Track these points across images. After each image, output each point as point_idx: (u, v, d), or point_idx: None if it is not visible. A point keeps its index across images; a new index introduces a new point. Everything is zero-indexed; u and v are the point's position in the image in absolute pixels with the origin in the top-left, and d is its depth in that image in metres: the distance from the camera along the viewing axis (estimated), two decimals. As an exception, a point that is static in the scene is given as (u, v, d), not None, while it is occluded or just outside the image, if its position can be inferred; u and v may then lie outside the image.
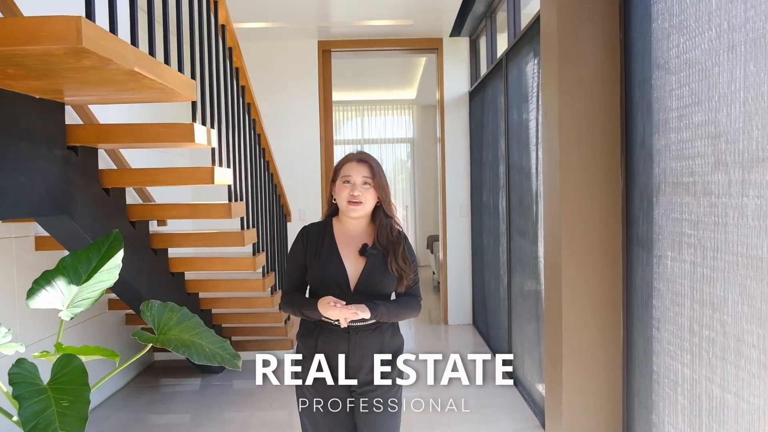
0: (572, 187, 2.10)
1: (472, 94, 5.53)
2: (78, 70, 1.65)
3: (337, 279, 1.90)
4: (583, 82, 2.09)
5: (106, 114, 3.57)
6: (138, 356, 1.93)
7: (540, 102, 3.16)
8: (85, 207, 2.32)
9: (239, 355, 2.00)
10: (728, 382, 1.47)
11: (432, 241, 8.15)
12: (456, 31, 5.42)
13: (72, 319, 1.95)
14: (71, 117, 3.27)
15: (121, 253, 2.09)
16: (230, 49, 3.09)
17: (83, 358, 1.87)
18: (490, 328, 5.00)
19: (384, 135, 9.68)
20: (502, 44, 4.99)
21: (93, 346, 1.93)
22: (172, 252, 3.38)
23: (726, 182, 1.45)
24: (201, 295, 3.88)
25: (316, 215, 5.59)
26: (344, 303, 1.81)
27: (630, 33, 1.99)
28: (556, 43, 2.11)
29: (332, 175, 2.01)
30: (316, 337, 1.94)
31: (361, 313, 1.83)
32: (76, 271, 2.08)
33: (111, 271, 2.10)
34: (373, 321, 1.92)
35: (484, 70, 5.26)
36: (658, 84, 1.81)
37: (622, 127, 2.06)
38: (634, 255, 2.03)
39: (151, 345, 1.89)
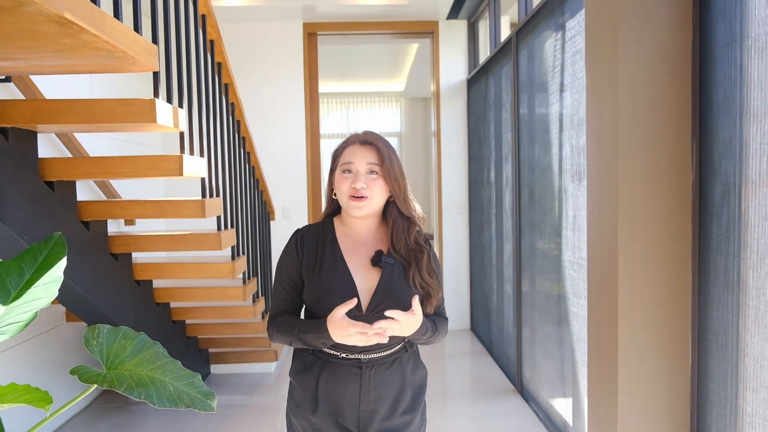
0: (631, 181, 1.68)
1: (471, 83, 5.11)
2: (-16, 15, 1.18)
3: (345, 297, 1.43)
4: (643, 50, 1.67)
5: (62, 96, 3.08)
6: (78, 399, 1.48)
7: (564, 84, 2.76)
8: (18, 204, 1.85)
9: (213, 394, 1.56)
10: None
11: (425, 240, 7.73)
12: (453, 13, 4.99)
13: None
14: (13, 96, 2.78)
15: (63, 262, 1.64)
16: (203, 16, 2.62)
17: (5, 406, 1.42)
18: (493, 333, 4.60)
19: (370, 129, 9.24)
20: (505, 28, 4.59)
21: (22, 386, 1.48)
22: (137, 257, 2.91)
23: None
24: (172, 304, 3.41)
25: (300, 213, 5.13)
26: (373, 327, 1.34)
27: (707, -16, 1.58)
28: (611, 2, 1.68)
29: (331, 163, 1.55)
30: (317, 374, 1.49)
31: (400, 326, 1.35)
32: (4, 286, 1.63)
33: (49, 285, 1.64)
34: (395, 349, 1.50)
35: (483, 56, 4.85)
36: (754, 45, 1.40)
37: (694, 104, 1.65)
38: (710, 262, 1.62)
39: (94, 386, 1.44)
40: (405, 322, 1.36)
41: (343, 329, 1.34)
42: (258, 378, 4.17)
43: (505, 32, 4.47)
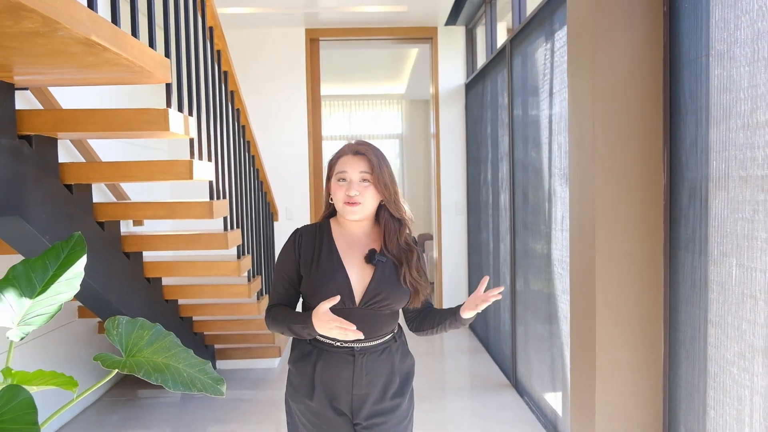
0: (607, 184, 1.82)
1: (469, 87, 5.25)
2: (20, 38, 1.33)
3: (340, 291, 1.58)
4: (618, 64, 1.81)
5: (73, 103, 3.23)
6: (101, 383, 1.62)
7: (553, 92, 2.89)
8: (41, 206, 2.00)
9: (222, 380, 1.70)
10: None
11: (423, 240, 7.87)
12: (452, 19, 5.13)
13: (22, 339, 1.64)
14: (31, 103, 2.93)
15: (83, 260, 1.78)
16: (211, 28, 2.77)
17: (34, 389, 1.57)
18: (490, 331, 4.74)
19: (372, 131, 9.38)
20: (502, 34, 4.73)
21: (48, 372, 1.62)
22: (147, 255, 3.05)
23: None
24: (180, 301, 3.56)
25: (303, 214, 5.28)
26: (354, 327, 1.48)
27: (677, 2, 1.72)
28: (589, 19, 1.83)
29: (327, 171, 1.70)
30: (314, 361, 1.63)
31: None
32: (29, 281, 1.77)
33: (71, 281, 1.79)
34: (385, 339, 1.65)
35: (481, 61, 4.99)
36: (717, 61, 1.54)
37: (665, 113, 1.79)
38: (679, 260, 1.76)
39: (116, 371, 1.59)
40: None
41: (326, 322, 1.48)
42: (262, 373, 4.31)
43: (501, 38, 4.60)
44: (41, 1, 1.16)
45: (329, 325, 1.48)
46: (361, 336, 1.49)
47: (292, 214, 5.26)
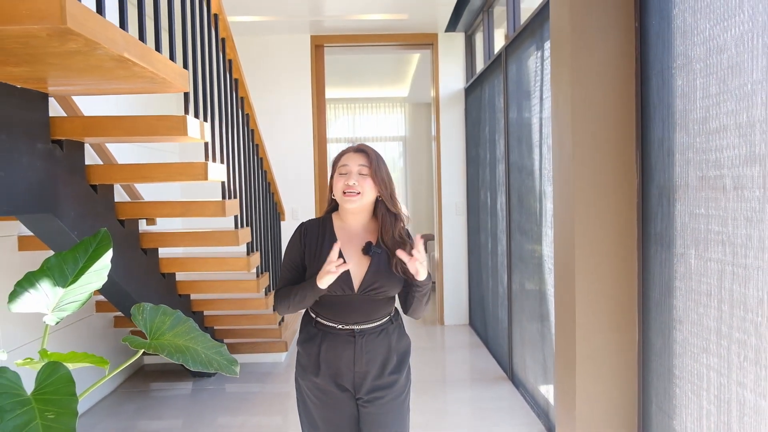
0: (585, 184, 2.00)
1: (468, 91, 5.43)
2: (63, 56, 1.52)
3: (339, 279, 1.77)
4: (595, 74, 1.99)
5: (90, 108, 3.43)
6: (129, 362, 1.81)
7: (543, 97, 3.08)
8: (70, 204, 2.20)
9: (236, 361, 1.88)
10: (764, 387, 1.38)
11: (426, 241, 8.05)
12: (451, 26, 5.32)
13: (57, 323, 1.83)
14: (54, 109, 3.13)
15: (109, 253, 1.97)
16: (223, 39, 2.97)
17: (70, 366, 1.76)
18: (488, 328, 4.92)
19: (375, 133, 9.56)
20: (499, 40, 4.91)
21: (80, 353, 1.81)
22: (163, 252, 3.25)
23: (761, 175, 1.36)
24: (192, 296, 3.75)
25: (308, 214, 5.47)
26: (341, 261, 1.68)
27: (646, 20, 1.90)
28: (568, 34, 2.01)
29: (331, 170, 1.89)
30: (319, 343, 1.82)
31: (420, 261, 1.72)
32: (62, 272, 1.96)
33: (99, 272, 1.98)
34: (382, 321, 1.83)
35: (480, 66, 5.17)
36: (679, 74, 1.71)
37: (637, 119, 1.97)
38: (651, 253, 1.94)
39: (142, 351, 1.78)
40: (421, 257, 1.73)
41: (325, 273, 1.68)
42: (269, 367, 4.50)
43: (499, 44, 4.78)
44: (85, 26, 1.35)
45: (327, 267, 1.67)
46: (346, 268, 1.68)
47: (298, 214, 5.44)
